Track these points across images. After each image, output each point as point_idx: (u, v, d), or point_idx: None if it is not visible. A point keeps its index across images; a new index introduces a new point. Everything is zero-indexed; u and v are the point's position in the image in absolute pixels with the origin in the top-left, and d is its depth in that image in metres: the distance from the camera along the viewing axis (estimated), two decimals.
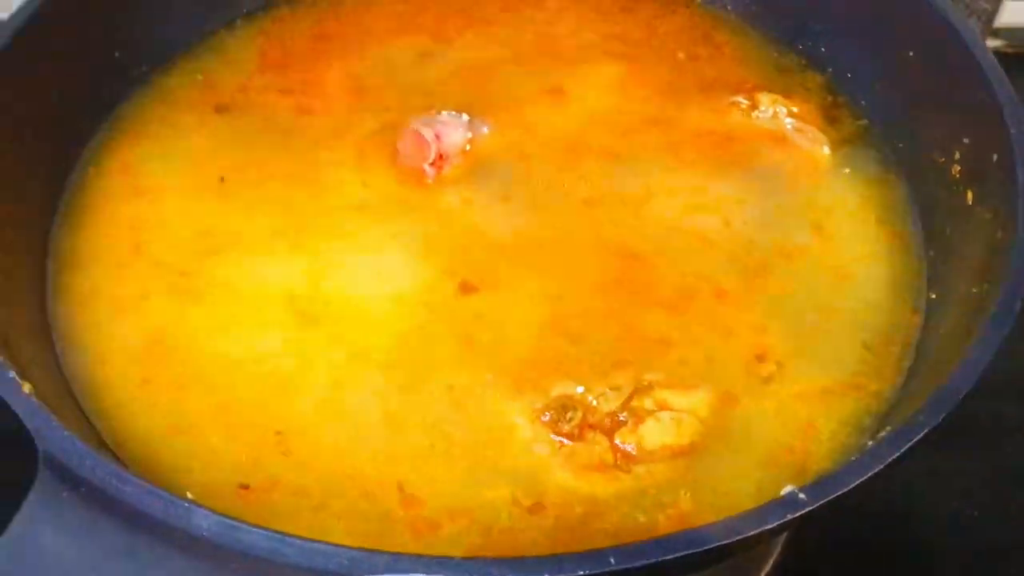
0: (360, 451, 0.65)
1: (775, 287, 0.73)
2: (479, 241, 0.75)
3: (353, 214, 0.76)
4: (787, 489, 0.53)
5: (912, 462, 0.86)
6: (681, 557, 0.50)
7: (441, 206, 0.77)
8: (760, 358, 0.69)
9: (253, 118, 0.82)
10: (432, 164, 0.78)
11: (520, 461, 0.65)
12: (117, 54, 0.83)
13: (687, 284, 0.73)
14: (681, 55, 0.89)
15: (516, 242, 0.75)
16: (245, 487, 0.62)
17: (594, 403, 0.67)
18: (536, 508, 0.63)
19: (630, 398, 0.67)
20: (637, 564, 0.49)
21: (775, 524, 0.51)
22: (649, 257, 0.74)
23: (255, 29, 0.90)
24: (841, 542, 0.87)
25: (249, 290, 0.72)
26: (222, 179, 0.78)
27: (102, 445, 0.63)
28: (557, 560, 0.49)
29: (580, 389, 0.67)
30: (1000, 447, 0.93)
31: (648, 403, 0.67)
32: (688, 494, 0.63)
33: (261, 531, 0.50)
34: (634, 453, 0.65)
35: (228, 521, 0.50)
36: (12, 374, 0.56)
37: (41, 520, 0.49)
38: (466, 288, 0.72)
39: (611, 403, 0.67)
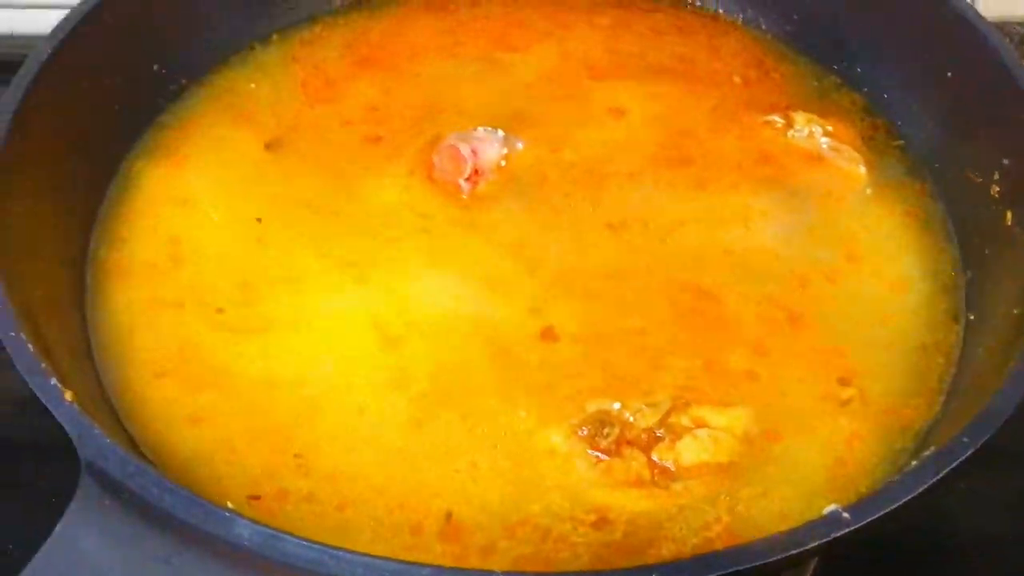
0: (402, 466, 0.65)
1: (810, 308, 0.73)
2: (512, 259, 0.75)
3: (391, 231, 0.76)
4: (830, 508, 0.53)
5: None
6: (723, 575, 0.49)
7: (476, 223, 0.77)
8: (843, 381, 0.69)
9: (292, 135, 0.83)
10: (468, 179, 0.78)
11: (558, 476, 0.65)
12: (155, 67, 0.84)
13: (730, 303, 0.73)
14: (715, 74, 0.89)
15: (552, 261, 0.75)
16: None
17: (631, 419, 0.67)
18: (574, 523, 0.63)
19: (667, 415, 0.67)
20: None
21: (818, 543, 0.51)
22: (689, 276, 0.74)
23: (291, 43, 0.91)
24: (870, 559, 0.86)
25: (286, 312, 0.72)
26: (259, 219, 0.78)
27: (138, 452, 0.63)
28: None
29: (617, 405, 0.67)
30: None
31: (685, 420, 0.67)
32: (727, 511, 0.63)
33: (303, 542, 0.50)
34: (672, 469, 0.65)
35: (269, 531, 0.50)
36: (54, 381, 0.56)
37: (83, 526, 0.50)
38: (502, 305, 0.72)
39: (648, 419, 0.67)
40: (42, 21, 0.76)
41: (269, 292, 0.73)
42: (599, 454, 0.65)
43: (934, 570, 0.85)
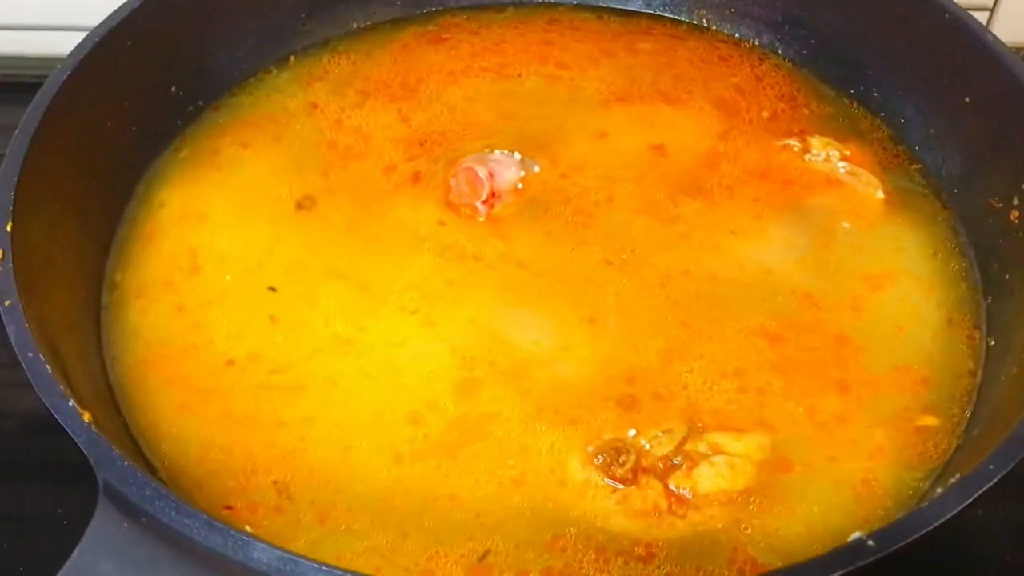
0: (420, 490, 0.64)
1: (825, 333, 0.72)
2: (527, 277, 0.75)
3: (407, 257, 0.76)
4: (855, 536, 0.53)
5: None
6: None
7: (491, 245, 0.77)
8: (861, 408, 0.69)
9: (310, 153, 0.83)
10: (484, 202, 0.78)
11: (574, 505, 0.64)
12: (173, 88, 0.84)
13: (747, 326, 0.72)
14: (733, 99, 0.88)
15: (568, 285, 0.74)
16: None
17: (647, 447, 0.66)
18: (591, 552, 0.62)
19: (683, 442, 0.66)
20: None
21: (843, 572, 0.50)
22: (706, 300, 0.74)
23: (308, 66, 0.91)
24: None
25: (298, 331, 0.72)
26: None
27: (156, 475, 0.62)
28: None
29: (632, 432, 0.67)
30: None
31: (702, 447, 0.66)
32: (747, 539, 0.62)
33: (321, 566, 0.49)
34: (689, 497, 0.64)
35: (287, 555, 0.50)
36: (72, 403, 0.56)
37: (102, 550, 0.49)
38: (514, 328, 0.72)
39: (664, 447, 0.66)
40: (55, 42, 0.76)
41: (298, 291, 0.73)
42: (615, 483, 0.65)
43: None
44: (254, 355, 0.71)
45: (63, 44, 0.77)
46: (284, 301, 0.73)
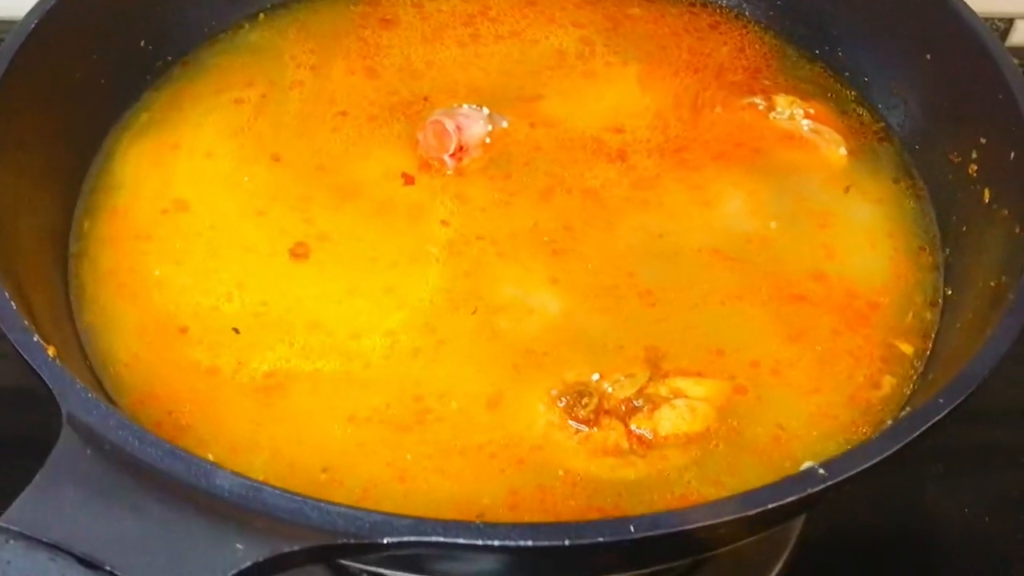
0: (378, 431, 0.65)
1: (787, 284, 0.73)
2: (496, 232, 0.75)
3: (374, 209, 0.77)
4: (807, 465, 0.54)
5: (930, 478, 0.87)
6: (699, 528, 0.50)
7: (459, 197, 0.77)
8: (819, 358, 0.70)
9: (280, 108, 0.83)
10: (452, 155, 0.79)
11: (537, 445, 0.65)
12: (142, 43, 0.84)
13: (711, 278, 0.73)
14: (699, 58, 0.89)
15: (534, 235, 0.75)
16: None
17: (609, 390, 0.67)
18: (554, 492, 0.63)
19: (645, 385, 0.67)
20: (656, 533, 0.49)
21: (795, 498, 0.51)
22: (669, 251, 0.75)
23: (280, 22, 0.91)
24: (851, 557, 0.87)
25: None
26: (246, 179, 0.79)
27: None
28: (578, 527, 0.49)
29: (596, 376, 0.68)
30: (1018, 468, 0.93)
31: (663, 390, 0.67)
32: (704, 478, 0.63)
33: (283, 493, 0.50)
34: (649, 438, 0.65)
35: (249, 483, 0.50)
36: (37, 338, 0.56)
37: (63, 476, 0.50)
38: (483, 277, 0.73)
39: (626, 390, 0.67)
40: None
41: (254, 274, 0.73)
42: (578, 424, 0.66)
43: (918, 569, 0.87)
44: (221, 304, 0.71)
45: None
46: (249, 259, 0.74)
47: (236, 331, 0.69)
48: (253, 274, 0.72)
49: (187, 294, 0.72)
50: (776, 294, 0.73)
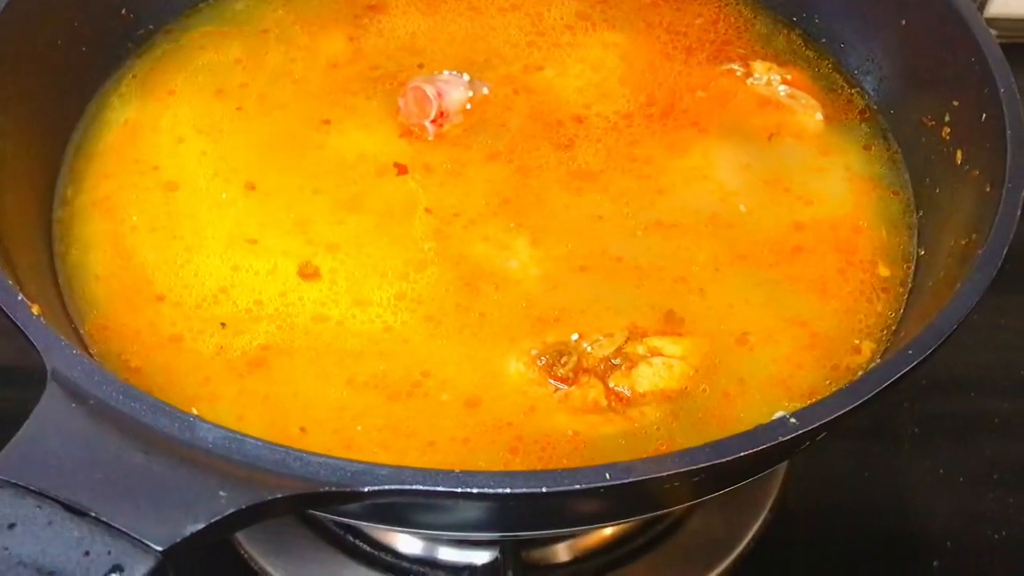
0: (361, 389, 0.66)
1: (764, 248, 0.74)
2: (475, 197, 0.76)
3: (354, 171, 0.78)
4: (779, 414, 0.55)
5: (909, 453, 0.88)
6: (675, 475, 0.51)
7: (440, 162, 0.78)
8: (794, 320, 0.71)
9: (262, 76, 0.84)
10: (433, 121, 0.80)
11: (517, 403, 0.66)
12: (123, 11, 0.85)
13: (688, 242, 0.74)
14: (677, 24, 0.90)
15: (514, 198, 0.76)
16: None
17: (588, 349, 0.68)
18: (534, 448, 0.64)
19: (624, 344, 0.68)
20: (631, 479, 0.50)
21: (766, 446, 0.52)
22: (648, 215, 0.76)
23: None
24: (831, 534, 0.88)
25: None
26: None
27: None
28: (555, 474, 0.50)
29: (575, 336, 0.69)
30: (994, 441, 0.95)
31: (641, 349, 0.68)
32: (681, 434, 0.64)
33: (266, 444, 0.51)
34: (628, 395, 0.66)
35: (232, 434, 0.51)
36: (21, 297, 0.57)
37: (49, 428, 0.50)
38: (464, 240, 0.74)
39: (605, 349, 0.68)
40: None
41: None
42: (557, 383, 0.67)
43: (902, 550, 0.88)
44: (201, 276, 0.72)
45: None
46: (235, 220, 0.74)
47: (223, 325, 0.69)
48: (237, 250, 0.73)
49: (169, 273, 0.72)
50: (756, 252, 0.74)
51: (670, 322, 0.70)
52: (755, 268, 0.73)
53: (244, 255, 0.72)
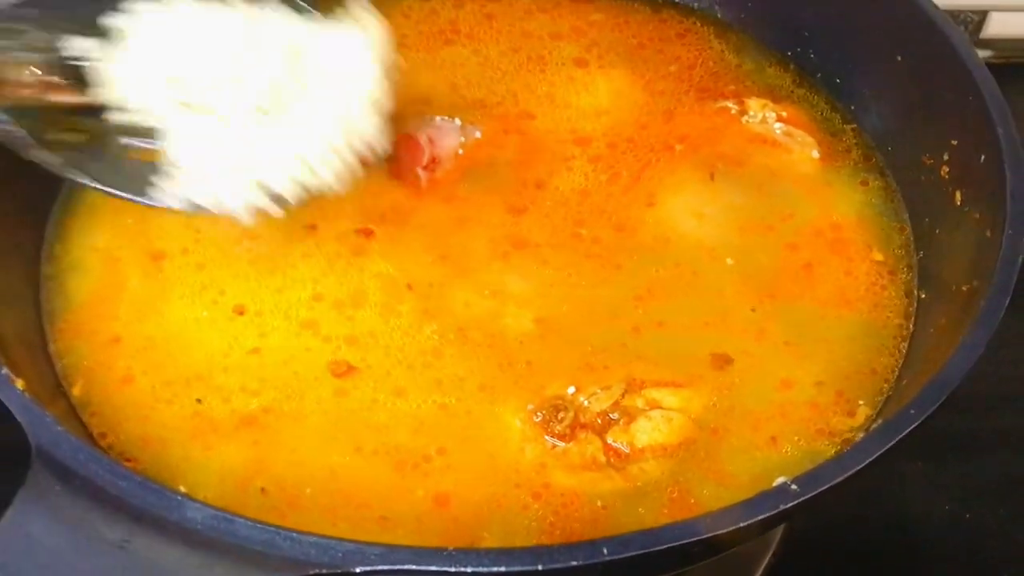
0: (360, 452, 0.65)
1: (758, 287, 0.74)
2: (469, 246, 0.75)
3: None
4: (779, 480, 0.54)
5: (911, 470, 0.87)
6: (673, 548, 0.50)
7: (433, 211, 0.77)
8: (723, 360, 0.70)
9: None
10: (425, 168, 0.79)
11: (515, 462, 0.65)
12: None
13: (688, 287, 0.74)
14: (671, 62, 0.89)
15: (509, 248, 0.75)
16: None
17: (585, 403, 0.67)
18: (532, 508, 0.63)
19: (621, 397, 0.67)
20: (629, 554, 0.49)
21: (767, 515, 0.51)
22: (645, 261, 0.75)
23: None
24: (836, 548, 0.87)
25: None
26: None
27: (91, 440, 0.63)
28: (550, 551, 0.49)
29: (572, 390, 0.68)
30: (996, 456, 0.94)
31: (639, 402, 0.67)
32: (682, 491, 0.63)
33: (255, 524, 0.50)
34: (627, 451, 0.65)
35: (222, 514, 0.50)
36: (5, 370, 0.56)
37: (34, 512, 0.50)
38: (457, 289, 0.73)
39: (602, 403, 0.67)
40: None
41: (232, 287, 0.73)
42: (554, 440, 0.66)
43: (906, 569, 0.87)
44: (195, 327, 0.71)
45: None
46: (216, 267, 0.74)
47: (199, 401, 0.67)
48: (227, 297, 0.72)
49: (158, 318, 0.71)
50: (753, 290, 0.73)
51: (717, 362, 0.69)
52: (751, 311, 0.72)
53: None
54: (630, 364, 0.69)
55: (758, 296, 0.73)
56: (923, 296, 0.73)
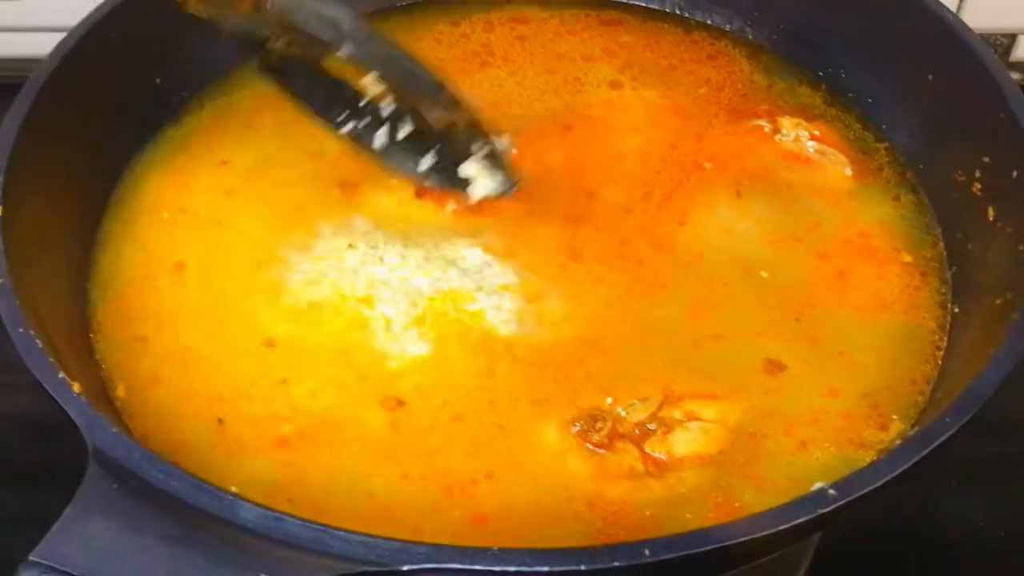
0: (396, 459, 0.66)
1: (798, 297, 0.75)
2: (502, 262, 0.76)
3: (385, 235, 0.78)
4: (817, 486, 0.54)
5: (945, 489, 0.87)
6: (715, 550, 0.51)
7: (467, 231, 0.79)
8: (776, 366, 0.70)
9: (290, 142, 0.84)
10: None
11: (553, 471, 0.66)
12: (157, 80, 0.86)
13: (722, 301, 0.75)
14: (702, 83, 0.91)
15: (543, 264, 0.76)
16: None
17: (623, 414, 0.68)
18: (571, 515, 0.64)
19: (659, 408, 0.68)
20: (670, 555, 0.50)
21: (805, 519, 0.52)
22: (680, 276, 0.76)
23: None
24: (868, 568, 0.87)
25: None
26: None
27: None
28: (593, 551, 0.50)
29: (609, 400, 0.69)
30: None
31: (676, 413, 0.68)
32: (721, 499, 0.64)
33: (304, 523, 0.51)
34: (665, 460, 0.66)
35: (272, 513, 0.52)
36: (62, 375, 0.58)
37: (92, 509, 0.51)
38: (497, 305, 0.74)
39: (639, 414, 0.68)
40: (42, 43, 0.78)
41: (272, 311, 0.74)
42: (593, 448, 0.67)
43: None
44: (238, 340, 0.72)
45: (49, 45, 0.78)
46: (261, 284, 0.75)
47: (220, 421, 0.68)
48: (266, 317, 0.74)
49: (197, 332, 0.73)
50: (794, 300, 0.74)
51: (770, 367, 0.70)
52: (785, 326, 0.73)
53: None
54: (668, 376, 0.70)
55: (799, 306, 0.74)
56: (957, 310, 0.74)
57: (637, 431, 0.67)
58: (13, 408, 0.93)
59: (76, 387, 0.58)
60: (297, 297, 0.74)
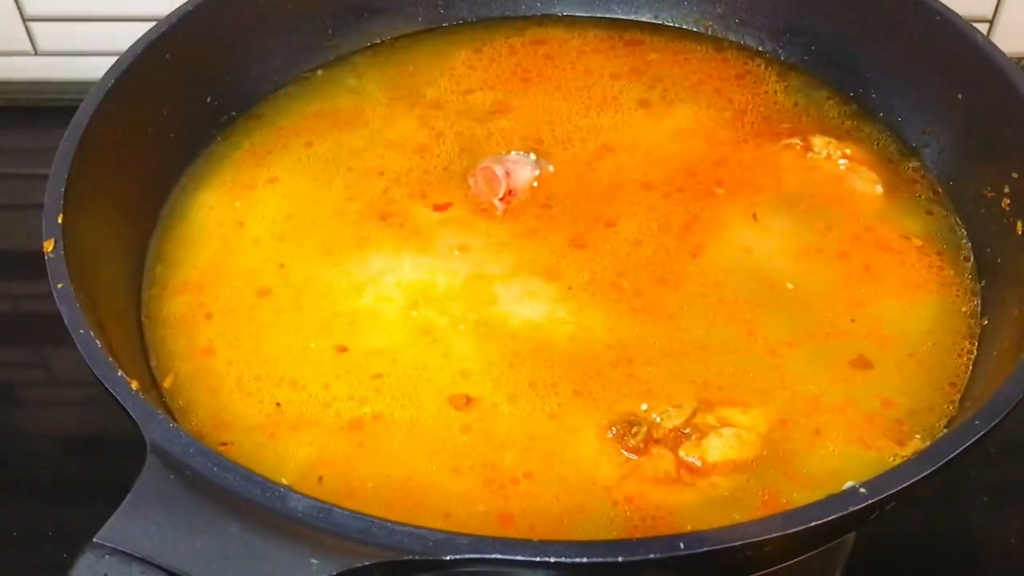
0: (436, 461, 0.68)
1: (827, 321, 0.76)
2: (539, 270, 0.79)
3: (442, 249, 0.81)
4: (848, 484, 0.56)
5: (976, 503, 0.88)
6: (744, 545, 0.52)
7: (511, 238, 0.81)
8: (862, 388, 0.72)
9: (338, 161, 0.88)
10: (501, 199, 0.83)
11: (585, 475, 0.68)
12: (208, 99, 0.90)
13: (752, 315, 0.76)
14: (736, 100, 0.93)
15: (578, 272, 0.79)
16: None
17: (658, 420, 0.70)
18: (605, 518, 0.66)
19: (693, 414, 0.70)
20: (704, 549, 0.52)
21: (836, 516, 0.53)
22: (712, 289, 0.78)
23: (334, 79, 0.96)
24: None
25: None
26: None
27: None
28: (630, 544, 0.52)
29: (644, 406, 0.71)
30: None
31: (711, 419, 0.70)
32: (754, 504, 0.66)
33: (352, 514, 0.53)
34: (699, 466, 0.68)
35: (321, 504, 0.54)
36: (120, 372, 0.60)
37: (150, 497, 0.54)
38: (535, 311, 0.76)
39: (674, 419, 0.70)
40: (97, 67, 0.82)
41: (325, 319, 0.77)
42: (628, 453, 0.69)
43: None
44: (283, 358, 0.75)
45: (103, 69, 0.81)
46: (305, 295, 0.78)
47: (278, 405, 0.71)
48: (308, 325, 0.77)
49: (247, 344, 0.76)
50: (815, 329, 0.75)
51: (858, 364, 0.73)
52: (816, 341, 0.75)
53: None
54: (703, 383, 0.72)
55: (846, 306, 0.76)
56: (986, 323, 0.75)
57: (672, 436, 0.69)
58: (56, 426, 0.97)
59: (134, 384, 0.60)
60: (357, 305, 0.77)
